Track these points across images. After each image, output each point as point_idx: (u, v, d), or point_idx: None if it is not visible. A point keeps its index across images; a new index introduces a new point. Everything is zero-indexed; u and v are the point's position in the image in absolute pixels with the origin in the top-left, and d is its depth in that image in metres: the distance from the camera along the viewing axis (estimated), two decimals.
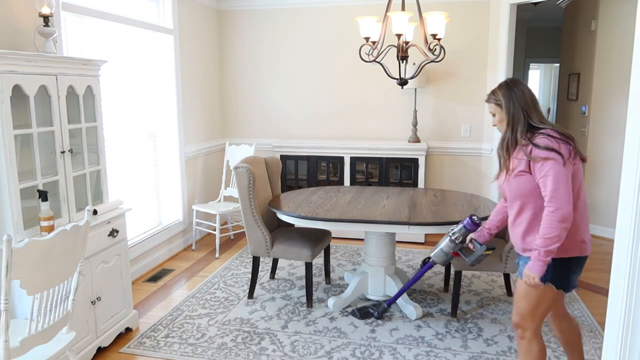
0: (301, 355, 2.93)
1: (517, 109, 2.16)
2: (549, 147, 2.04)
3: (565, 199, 2.01)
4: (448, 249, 2.79)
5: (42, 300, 2.00)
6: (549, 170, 2.02)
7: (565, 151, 2.04)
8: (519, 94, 2.17)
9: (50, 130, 2.63)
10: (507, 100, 2.18)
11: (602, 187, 5.23)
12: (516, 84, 2.21)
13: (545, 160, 2.03)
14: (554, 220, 2.01)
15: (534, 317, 2.21)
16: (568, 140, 2.08)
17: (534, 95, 2.24)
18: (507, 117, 2.18)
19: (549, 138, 2.07)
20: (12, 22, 2.83)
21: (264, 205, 3.70)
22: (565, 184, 2.01)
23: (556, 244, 2.03)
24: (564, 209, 2.01)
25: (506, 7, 4.76)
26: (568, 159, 2.04)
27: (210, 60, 5.39)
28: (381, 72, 4.09)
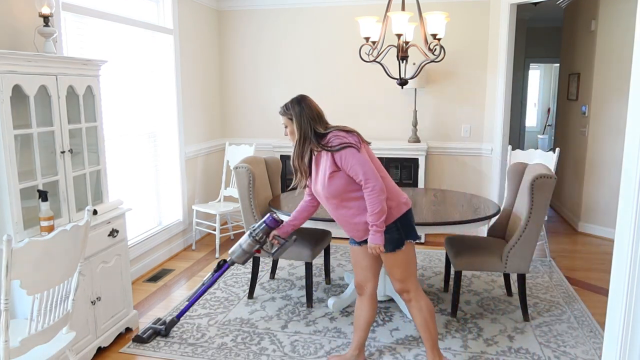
0: (301, 355, 2.93)
1: (305, 123, 2.45)
2: (342, 143, 2.37)
3: (374, 175, 2.36)
4: (249, 247, 2.81)
5: (42, 300, 2.00)
6: (352, 160, 2.35)
7: (354, 140, 2.39)
8: (307, 111, 2.46)
9: (50, 130, 2.63)
10: (298, 115, 2.46)
11: (602, 187, 5.23)
12: (304, 100, 2.51)
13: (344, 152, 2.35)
14: (374, 196, 2.35)
15: (410, 274, 2.55)
16: (352, 132, 2.44)
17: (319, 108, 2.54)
18: (299, 131, 2.46)
19: (337, 137, 2.39)
20: (12, 22, 2.83)
21: (264, 205, 3.70)
22: (368, 165, 2.37)
23: (384, 215, 2.38)
24: (378, 184, 2.35)
25: (506, 7, 4.76)
26: (360, 145, 2.40)
27: (210, 60, 5.39)
28: (381, 72, 4.09)
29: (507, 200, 3.63)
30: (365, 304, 2.71)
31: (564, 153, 5.94)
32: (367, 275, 2.68)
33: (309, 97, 2.55)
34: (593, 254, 4.78)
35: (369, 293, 2.69)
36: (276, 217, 2.79)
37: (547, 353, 2.95)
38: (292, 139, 2.53)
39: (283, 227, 2.78)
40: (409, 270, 2.54)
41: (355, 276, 2.73)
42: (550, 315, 3.43)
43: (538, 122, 10.63)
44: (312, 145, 2.44)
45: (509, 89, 4.95)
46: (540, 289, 3.88)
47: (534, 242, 3.19)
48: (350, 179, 2.40)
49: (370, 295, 2.70)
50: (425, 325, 2.58)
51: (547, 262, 4.47)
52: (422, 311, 2.57)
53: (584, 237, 5.29)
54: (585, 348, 3.01)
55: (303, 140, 2.47)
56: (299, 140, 2.48)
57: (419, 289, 2.58)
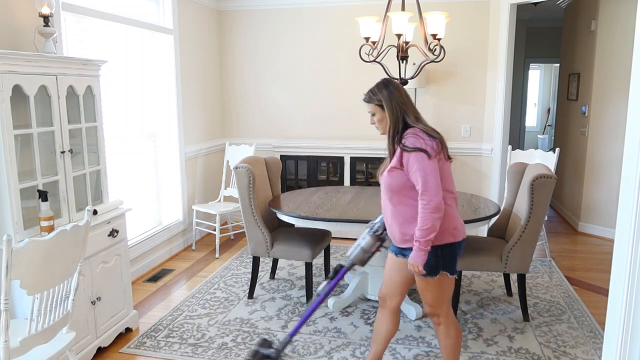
0: (301, 355, 2.93)
1: (396, 108, 2.26)
2: (415, 145, 2.18)
3: (434, 190, 2.15)
4: (369, 245, 2.54)
5: (42, 300, 2.00)
6: (417, 165, 2.16)
7: (430, 147, 2.17)
8: (397, 94, 2.28)
9: (50, 130, 2.63)
10: (388, 100, 2.27)
11: (602, 187, 5.23)
12: (392, 83, 2.31)
13: (413, 155, 2.17)
14: (427, 212, 2.15)
15: (442, 303, 2.36)
16: (434, 137, 2.21)
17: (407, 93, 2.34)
18: (391, 116, 2.27)
19: (416, 137, 2.20)
20: (12, 22, 2.83)
21: (264, 205, 3.70)
22: (433, 177, 2.16)
23: (432, 234, 2.17)
24: (435, 201, 2.15)
25: (506, 7, 4.76)
26: (434, 155, 2.17)
27: (210, 60, 5.39)
28: (381, 72, 4.09)
29: (507, 200, 3.63)
30: (387, 317, 2.53)
31: (564, 153, 5.94)
32: (394, 291, 2.47)
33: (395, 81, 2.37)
34: (593, 254, 4.77)
35: (391, 308, 2.51)
36: None
37: (547, 353, 2.95)
38: (380, 127, 2.35)
39: None
40: (441, 297, 2.35)
41: (381, 285, 2.53)
42: (550, 315, 3.43)
43: (538, 122, 10.63)
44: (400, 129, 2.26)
45: (509, 89, 4.96)
46: (540, 289, 3.89)
47: (534, 242, 3.19)
48: (409, 182, 2.22)
49: (393, 310, 2.52)
50: (450, 353, 2.44)
51: (547, 262, 4.47)
52: (450, 338, 2.42)
53: (584, 237, 5.29)
54: (585, 348, 3.01)
55: (396, 125, 2.27)
56: (392, 125, 2.27)
57: (449, 315, 2.40)
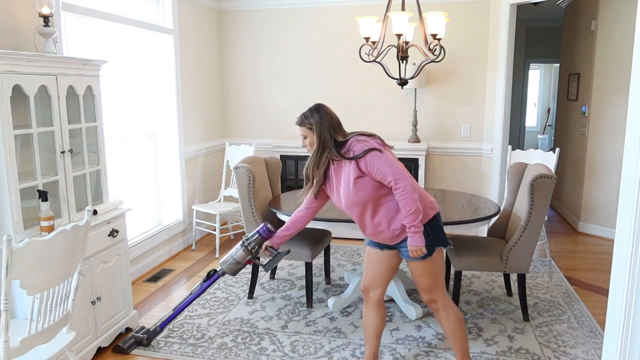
0: (301, 356, 2.93)
1: (325, 132, 2.37)
2: (364, 148, 2.29)
3: (403, 175, 2.26)
4: (241, 258, 2.70)
5: (42, 300, 2.00)
6: (377, 163, 2.27)
7: (377, 143, 2.32)
8: (327, 118, 2.40)
9: (50, 130, 2.63)
10: (318, 124, 2.38)
11: (602, 187, 5.23)
12: (322, 108, 2.44)
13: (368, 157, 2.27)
14: (407, 195, 2.24)
15: (437, 283, 2.43)
16: (373, 135, 2.38)
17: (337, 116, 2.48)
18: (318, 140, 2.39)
19: (359, 142, 2.32)
20: (12, 22, 2.83)
21: (264, 205, 3.70)
22: (396, 164, 2.29)
23: (420, 213, 2.27)
24: (409, 183, 2.26)
25: (506, 7, 4.76)
26: (382, 148, 2.32)
27: (210, 60, 5.39)
28: (381, 72, 4.09)
29: (507, 200, 3.63)
30: (371, 311, 2.58)
31: (564, 153, 5.95)
32: (377, 282, 2.54)
33: (326, 105, 2.49)
34: (593, 254, 4.77)
35: (375, 300, 2.56)
36: (270, 227, 2.69)
37: (547, 353, 2.95)
38: (311, 149, 2.45)
39: (276, 237, 2.67)
40: (437, 279, 2.41)
41: (363, 279, 2.60)
42: (550, 315, 3.43)
43: (538, 122, 10.63)
44: (332, 154, 2.37)
45: (509, 89, 4.96)
46: (540, 289, 3.89)
47: (534, 242, 3.19)
48: (377, 183, 2.31)
49: (377, 302, 2.56)
50: (454, 335, 2.49)
51: (547, 262, 4.47)
52: (450, 321, 2.47)
53: (584, 237, 5.29)
54: (585, 348, 3.01)
55: (322, 150, 2.39)
56: (318, 150, 2.40)
57: (446, 298, 2.46)
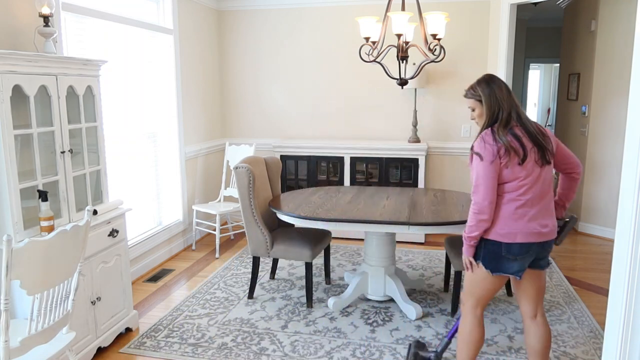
0: (301, 356, 2.93)
1: (495, 104, 2.30)
2: (475, 150, 2.27)
3: (482, 194, 2.22)
4: None
5: (42, 300, 2.00)
6: (474, 167, 2.27)
7: (487, 152, 2.22)
8: (497, 91, 2.32)
9: (50, 130, 2.63)
10: (487, 97, 2.32)
11: (602, 187, 5.23)
12: (494, 80, 2.36)
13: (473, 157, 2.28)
14: (472, 211, 2.27)
15: (472, 294, 2.43)
16: (496, 142, 2.22)
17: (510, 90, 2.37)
18: (487, 113, 2.32)
19: (480, 140, 2.27)
20: (12, 22, 2.83)
21: (264, 205, 3.70)
22: (483, 181, 2.22)
23: (474, 232, 2.27)
24: (480, 204, 2.23)
25: (506, 7, 4.76)
26: (490, 159, 2.21)
27: (210, 60, 5.39)
28: (381, 72, 4.09)
29: None
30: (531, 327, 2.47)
31: None
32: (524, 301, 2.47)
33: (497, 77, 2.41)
34: (593, 254, 4.77)
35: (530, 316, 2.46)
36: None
37: (549, 354, 2.94)
38: (480, 122, 2.37)
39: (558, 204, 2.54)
40: (474, 290, 2.41)
41: None
42: (550, 315, 3.43)
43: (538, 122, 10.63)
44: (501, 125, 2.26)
45: None
46: None
47: None
48: None
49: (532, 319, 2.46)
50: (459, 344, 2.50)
51: None
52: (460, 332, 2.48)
53: (584, 237, 5.29)
54: (585, 348, 3.01)
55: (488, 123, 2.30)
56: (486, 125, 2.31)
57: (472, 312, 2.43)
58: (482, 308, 2.45)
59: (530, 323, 2.46)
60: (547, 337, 2.45)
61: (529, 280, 2.41)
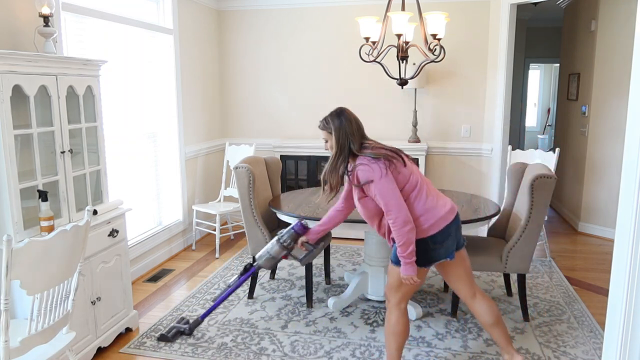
0: (301, 356, 2.93)
1: (344, 138, 2.42)
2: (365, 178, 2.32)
3: (396, 207, 2.28)
4: (277, 253, 2.78)
5: (42, 301, 2.00)
6: (376, 190, 2.30)
7: (379, 170, 2.29)
8: (347, 123, 2.44)
9: (50, 130, 2.63)
10: (337, 129, 2.44)
11: (602, 187, 5.23)
12: (344, 113, 2.49)
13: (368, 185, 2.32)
14: (397, 228, 2.28)
15: (397, 292, 2.48)
16: (378, 159, 2.32)
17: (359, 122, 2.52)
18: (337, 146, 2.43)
19: (362, 169, 2.32)
20: (12, 22, 2.83)
21: (264, 205, 3.70)
22: (392, 195, 2.28)
23: (411, 246, 2.30)
24: (400, 217, 2.27)
25: (506, 7, 4.76)
26: (383, 174, 2.28)
27: (210, 60, 5.39)
28: (381, 72, 4.09)
29: (507, 200, 3.63)
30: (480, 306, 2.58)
31: (564, 153, 5.94)
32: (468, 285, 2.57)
33: (348, 109, 2.54)
34: (593, 254, 4.77)
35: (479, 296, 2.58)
36: (304, 223, 2.77)
37: (547, 353, 2.95)
38: (332, 152, 2.49)
39: (311, 232, 2.77)
40: (399, 289, 2.46)
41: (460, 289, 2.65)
42: (550, 315, 3.43)
43: (538, 122, 10.63)
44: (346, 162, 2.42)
45: (508, 89, 4.96)
46: (540, 289, 3.89)
47: (534, 242, 3.19)
48: None
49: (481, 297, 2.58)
50: (386, 337, 2.55)
51: (547, 262, 4.47)
52: (389, 324, 2.52)
53: (584, 237, 5.29)
54: (585, 348, 3.01)
55: (339, 155, 2.43)
56: (336, 155, 2.44)
57: (397, 307, 2.50)
58: (406, 302, 2.53)
59: (472, 303, 2.57)
60: (494, 307, 2.58)
61: (456, 264, 2.52)
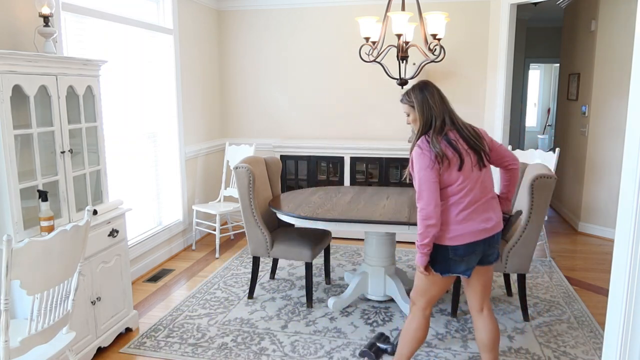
0: (301, 356, 2.93)
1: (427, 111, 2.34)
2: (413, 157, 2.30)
3: (426, 199, 2.24)
4: None
5: (42, 301, 2.00)
6: (416, 173, 2.28)
7: (425, 158, 2.24)
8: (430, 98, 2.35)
9: (50, 130, 2.63)
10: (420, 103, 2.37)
11: (602, 187, 5.23)
12: (428, 87, 2.39)
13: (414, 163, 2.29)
14: (420, 218, 2.26)
15: (422, 295, 2.47)
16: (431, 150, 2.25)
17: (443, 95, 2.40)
18: (421, 119, 2.35)
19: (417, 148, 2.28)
20: (12, 22, 2.83)
21: (264, 205, 3.70)
22: (426, 187, 2.23)
23: (426, 239, 2.27)
24: (426, 210, 2.23)
25: (506, 7, 4.76)
26: (429, 165, 2.23)
27: (210, 60, 5.39)
28: (381, 72, 4.09)
29: None
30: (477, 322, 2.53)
31: (564, 153, 5.94)
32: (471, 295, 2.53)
33: (432, 82, 2.43)
34: (593, 254, 4.77)
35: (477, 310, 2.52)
36: None
37: (547, 353, 2.95)
38: (415, 126, 2.41)
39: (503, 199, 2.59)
40: (425, 292, 2.45)
41: None
42: (550, 315, 3.43)
43: (538, 122, 10.63)
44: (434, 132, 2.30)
45: (509, 89, 4.95)
46: (540, 289, 3.89)
47: (534, 242, 3.19)
48: None
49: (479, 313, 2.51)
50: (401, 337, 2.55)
51: (547, 262, 4.47)
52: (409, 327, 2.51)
53: (584, 237, 5.29)
54: (585, 348, 3.01)
55: (422, 129, 2.33)
56: (419, 130, 2.35)
57: (422, 312, 2.48)
58: (431, 308, 2.51)
59: (478, 316, 2.52)
60: (495, 330, 2.50)
61: (476, 276, 2.46)
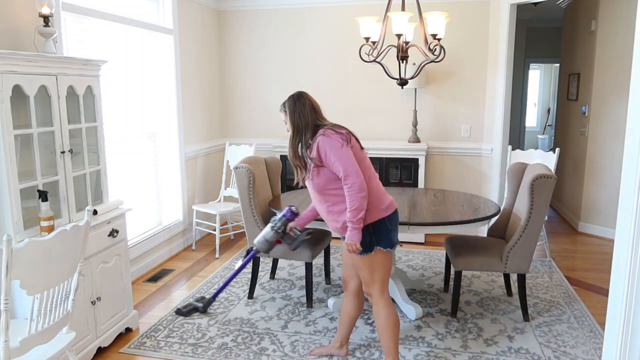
0: (301, 355, 2.93)
1: (298, 118, 2.50)
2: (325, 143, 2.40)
3: (354, 173, 2.36)
4: (270, 237, 2.86)
5: (42, 301, 2.00)
6: (334, 156, 2.38)
7: (341, 137, 2.41)
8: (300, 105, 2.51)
9: (50, 130, 2.63)
10: (292, 110, 2.52)
11: (602, 187, 5.23)
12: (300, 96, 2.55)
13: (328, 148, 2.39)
14: (353, 193, 2.36)
15: (374, 281, 2.55)
16: (341, 131, 2.45)
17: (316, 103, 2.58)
18: (292, 125, 2.52)
19: (324, 135, 2.42)
20: (12, 22, 2.83)
21: (264, 205, 3.70)
22: (351, 162, 2.38)
23: (362, 212, 2.38)
24: (357, 182, 2.36)
25: (506, 7, 4.76)
26: (344, 143, 2.40)
27: (210, 60, 5.39)
28: (381, 72, 4.09)
29: (507, 200, 3.63)
30: (349, 299, 2.78)
31: (564, 153, 5.94)
32: (351, 273, 2.73)
33: (307, 93, 2.60)
34: (593, 254, 4.77)
35: (352, 290, 2.76)
36: (294, 210, 2.83)
37: (547, 353, 2.95)
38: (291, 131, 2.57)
39: (300, 218, 2.84)
40: (374, 276, 2.53)
41: (342, 270, 2.82)
42: (550, 315, 3.43)
43: (538, 122, 10.63)
44: (305, 139, 2.49)
45: (509, 89, 4.95)
46: (540, 289, 3.89)
47: (534, 242, 3.19)
48: (333, 175, 2.43)
49: (354, 292, 2.76)
50: (380, 333, 2.59)
51: (547, 262, 4.47)
52: (379, 319, 2.57)
53: (584, 237, 5.29)
54: (585, 348, 3.01)
55: (296, 135, 2.51)
56: (292, 135, 2.52)
57: (382, 297, 2.56)
58: (387, 290, 2.58)
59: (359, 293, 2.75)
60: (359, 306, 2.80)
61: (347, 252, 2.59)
